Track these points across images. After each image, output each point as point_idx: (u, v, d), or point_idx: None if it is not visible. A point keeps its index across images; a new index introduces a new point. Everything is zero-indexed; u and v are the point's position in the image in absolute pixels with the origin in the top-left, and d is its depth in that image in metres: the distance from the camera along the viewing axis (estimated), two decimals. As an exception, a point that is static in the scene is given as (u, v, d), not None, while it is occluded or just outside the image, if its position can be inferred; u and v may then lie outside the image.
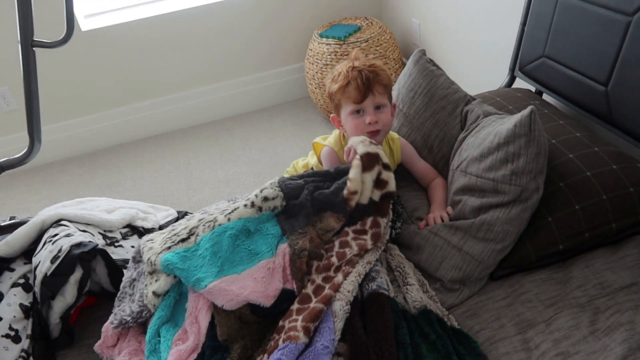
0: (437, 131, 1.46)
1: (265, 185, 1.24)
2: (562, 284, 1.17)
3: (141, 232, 1.48)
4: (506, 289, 1.19)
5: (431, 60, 1.57)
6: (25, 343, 1.15)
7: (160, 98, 2.88)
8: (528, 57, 1.68)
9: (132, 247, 1.39)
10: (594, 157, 1.28)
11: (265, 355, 0.99)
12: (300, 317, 1.03)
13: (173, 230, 1.21)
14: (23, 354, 1.14)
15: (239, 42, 2.86)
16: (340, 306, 1.04)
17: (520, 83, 1.80)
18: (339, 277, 1.10)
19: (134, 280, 1.20)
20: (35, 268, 1.21)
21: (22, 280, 1.24)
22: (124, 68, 2.72)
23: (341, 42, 2.56)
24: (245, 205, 1.19)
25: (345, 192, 1.17)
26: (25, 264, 1.28)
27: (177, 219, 1.59)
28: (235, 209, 1.18)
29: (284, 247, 1.13)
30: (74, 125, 2.79)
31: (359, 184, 1.17)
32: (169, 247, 1.14)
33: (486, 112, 1.41)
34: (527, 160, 1.16)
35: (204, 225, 1.17)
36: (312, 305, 1.04)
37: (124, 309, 1.15)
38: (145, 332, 1.13)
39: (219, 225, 1.15)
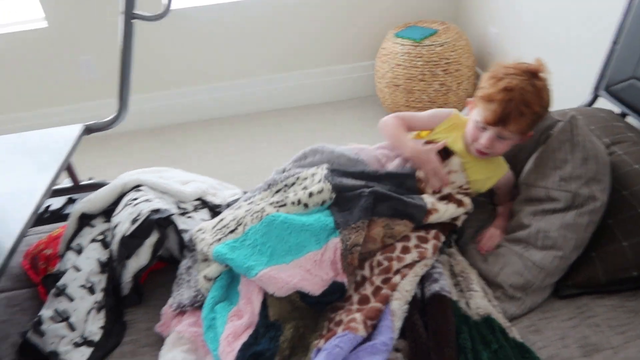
0: None
1: (314, 173, 1.26)
2: (635, 312, 1.13)
3: (210, 206, 1.52)
4: (573, 309, 1.16)
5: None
6: (98, 295, 1.22)
7: (231, 81, 2.96)
8: (616, 77, 1.62)
9: (202, 219, 1.44)
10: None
11: (322, 340, 1.01)
12: (359, 314, 1.04)
13: (221, 221, 1.25)
14: (96, 305, 1.20)
15: (314, 33, 2.89)
16: (399, 305, 1.05)
17: (602, 103, 1.74)
18: (397, 278, 1.11)
19: (189, 267, 1.25)
20: (115, 227, 1.27)
21: (100, 237, 1.31)
22: (202, 49, 2.81)
23: (416, 44, 2.54)
24: (293, 203, 1.21)
25: (429, 207, 1.20)
26: (104, 222, 1.35)
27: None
28: (283, 205, 1.21)
29: (335, 241, 1.14)
30: (147, 99, 2.91)
31: (442, 214, 1.21)
32: (220, 239, 1.18)
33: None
34: (574, 166, 1.17)
35: (251, 215, 1.20)
36: (370, 305, 1.06)
37: (181, 293, 1.20)
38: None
39: (267, 215, 1.18)
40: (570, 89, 2.11)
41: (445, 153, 1.31)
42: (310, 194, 1.22)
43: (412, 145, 1.30)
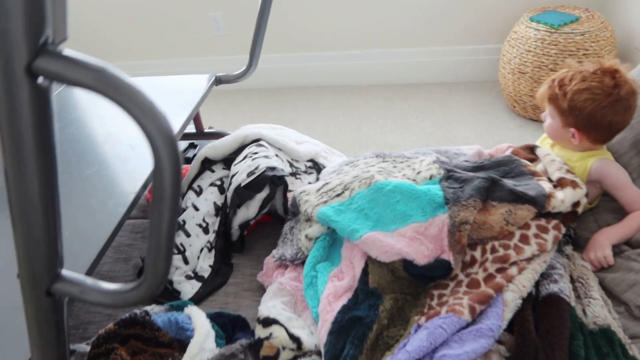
0: None
1: (422, 159, 1.26)
2: None
3: (321, 169, 1.55)
4: None
5: None
6: (211, 236, 1.29)
7: (348, 51, 2.95)
8: None
9: (309, 182, 1.47)
10: None
11: (423, 317, 0.99)
12: (467, 297, 1.00)
13: (327, 184, 1.25)
14: (208, 244, 1.28)
15: (439, 9, 2.78)
16: (513, 298, 0.99)
17: None
18: (514, 269, 1.04)
19: (292, 227, 1.27)
20: (233, 176, 1.33)
21: (219, 182, 1.38)
22: (325, 16, 2.82)
23: (553, 30, 2.36)
24: (405, 175, 1.20)
25: (547, 191, 1.13)
26: (223, 168, 1.42)
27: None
28: (391, 176, 1.20)
29: (443, 217, 1.09)
30: (265, 60, 2.99)
31: (562, 199, 1.14)
32: (326, 202, 1.19)
33: None
34: None
35: (359, 181, 1.19)
36: (481, 289, 1.01)
37: (284, 249, 1.23)
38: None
39: (376, 182, 1.16)
40: None
41: (529, 149, 1.36)
42: (419, 172, 1.22)
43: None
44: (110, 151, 1.33)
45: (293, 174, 1.45)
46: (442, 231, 1.08)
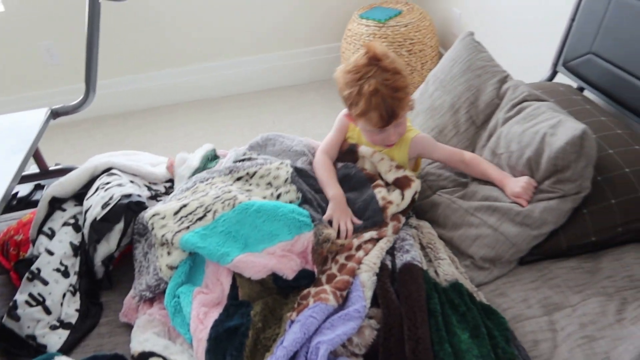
0: (469, 94, 1.50)
1: (278, 167, 1.29)
2: (591, 273, 1.20)
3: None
4: (534, 272, 1.22)
5: (478, 42, 1.61)
6: (73, 279, 1.22)
7: (195, 66, 2.92)
8: (573, 53, 1.69)
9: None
10: (633, 155, 1.30)
11: (295, 313, 1.03)
12: (328, 286, 1.07)
13: (185, 206, 1.20)
14: (71, 288, 1.20)
15: (277, 17, 2.89)
16: (368, 277, 1.08)
17: (562, 78, 1.81)
18: (360, 253, 1.14)
19: (147, 253, 1.22)
20: (86, 211, 1.27)
21: (72, 221, 1.30)
22: (166, 32, 2.77)
23: (381, 25, 2.57)
24: (264, 197, 1.24)
25: (381, 204, 1.25)
26: (75, 205, 1.34)
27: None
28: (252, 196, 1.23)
29: (308, 235, 1.15)
30: (111, 84, 2.85)
31: (398, 204, 1.27)
32: (188, 227, 1.16)
33: (533, 94, 1.43)
34: (574, 172, 1.19)
35: (222, 202, 1.18)
36: (338, 278, 1.09)
37: (141, 282, 1.18)
38: None
39: (240, 202, 1.17)
40: (532, 65, 2.18)
41: (352, 152, 1.40)
42: (279, 195, 1.25)
43: (332, 193, 1.29)
44: None
45: (153, 197, 1.42)
46: (307, 248, 1.14)
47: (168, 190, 1.49)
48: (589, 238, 1.23)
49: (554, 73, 1.82)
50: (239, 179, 1.31)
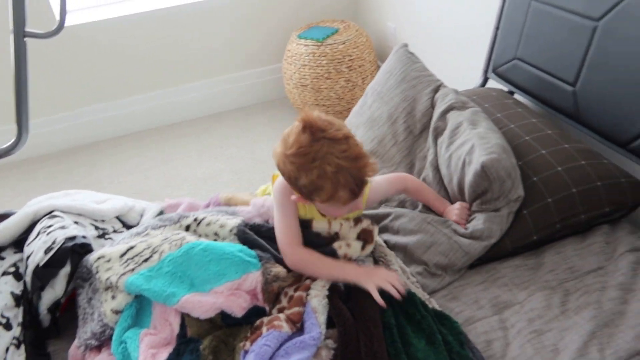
0: (405, 105, 1.56)
1: (228, 219, 1.25)
2: (535, 269, 1.25)
3: (131, 227, 1.49)
4: (483, 274, 1.26)
5: (412, 53, 1.66)
6: (16, 330, 1.16)
7: (139, 96, 2.88)
8: (501, 59, 1.78)
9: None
10: (564, 154, 1.37)
11: (248, 342, 1.01)
12: (281, 314, 1.06)
13: (132, 248, 1.18)
14: (15, 341, 1.14)
15: (218, 41, 2.89)
16: (318, 301, 1.07)
17: (494, 84, 1.90)
18: (308, 280, 1.13)
19: (91, 299, 1.18)
20: (28, 258, 1.22)
21: (12, 269, 1.24)
22: (104, 65, 2.71)
23: (319, 44, 2.62)
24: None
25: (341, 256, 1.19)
26: (15, 252, 1.28)
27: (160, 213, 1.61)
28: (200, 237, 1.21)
29: (256, 274, 1.11)
30: (51, 122, 2.76)
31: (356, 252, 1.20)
32: (133, 269, 1.13)
33: (460, 101, 1.49)
34: (493, 193, 1.28)
35: (170, 243, 1.16)
36: (289, 311, 1.07)
37: (86, 330, 1.13)
38: None
39: (187, 242, 1.15)
40: (466, 73, 2.27)
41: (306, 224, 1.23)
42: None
43: (353, 269, 1.16)
44: None
45: (101, 236, 1.37)
46: (257, 289, 1.11)
47: (118, 229, 1.45)
48: (531, 237, 1.29)
49: (485, 79, 1.91)
50: (187, 227, 1.27)
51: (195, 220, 1.28)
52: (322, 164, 1.04)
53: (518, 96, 1.79)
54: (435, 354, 1.03)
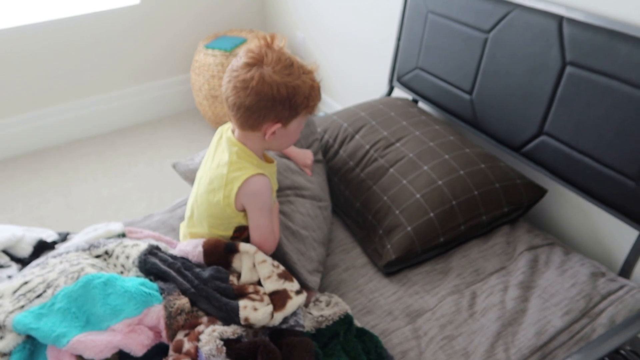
0: None
1: (131, 252, 1.17)
2: (444, 273, 1.29)
3: (22, 260, 1.36)
4: (395, 284, 1.28)
5: None
6: None
7: (32, 112, 2.65)
8: (404, 69, 1.83)
9: (9, 277, 1.27)
10: (465, 158, 1.43)
11: None
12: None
13: (26, 283, 1.08)
14: None
15: (118, 53, 2.74)
16: (209, 349, 0.96)
17: (399, 92, 1.95)
18: (201, 327, 1.03)
19: None
20: None
21: None
22: (-13, 80, 2.48)
23: (227, 54, 2.56)
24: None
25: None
26: None
27: (56, 242, 1.48)
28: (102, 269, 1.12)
29: (158, 308, 1.04)
30: None
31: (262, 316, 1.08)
32: (23, 306, 1.03)
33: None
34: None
35: (66, 276, 1.07)
36: (187, 346, 0.99)
37: None
38: None
39: (86, 274, 1.06)
40: (372, 83, 2.32)
41: (229, 252, 1.16)
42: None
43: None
44: None
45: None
46: (160, 324, 1.03)
47: (5, 264, 1.31)
48: (439, 239, 1.32)
49: (391, 88, 1.95)
50: (97, 256, 1.18)
51: (106, 252, 1.18)
52: (300, 70, 1.10)
53: (422, 104, 1.85)
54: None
